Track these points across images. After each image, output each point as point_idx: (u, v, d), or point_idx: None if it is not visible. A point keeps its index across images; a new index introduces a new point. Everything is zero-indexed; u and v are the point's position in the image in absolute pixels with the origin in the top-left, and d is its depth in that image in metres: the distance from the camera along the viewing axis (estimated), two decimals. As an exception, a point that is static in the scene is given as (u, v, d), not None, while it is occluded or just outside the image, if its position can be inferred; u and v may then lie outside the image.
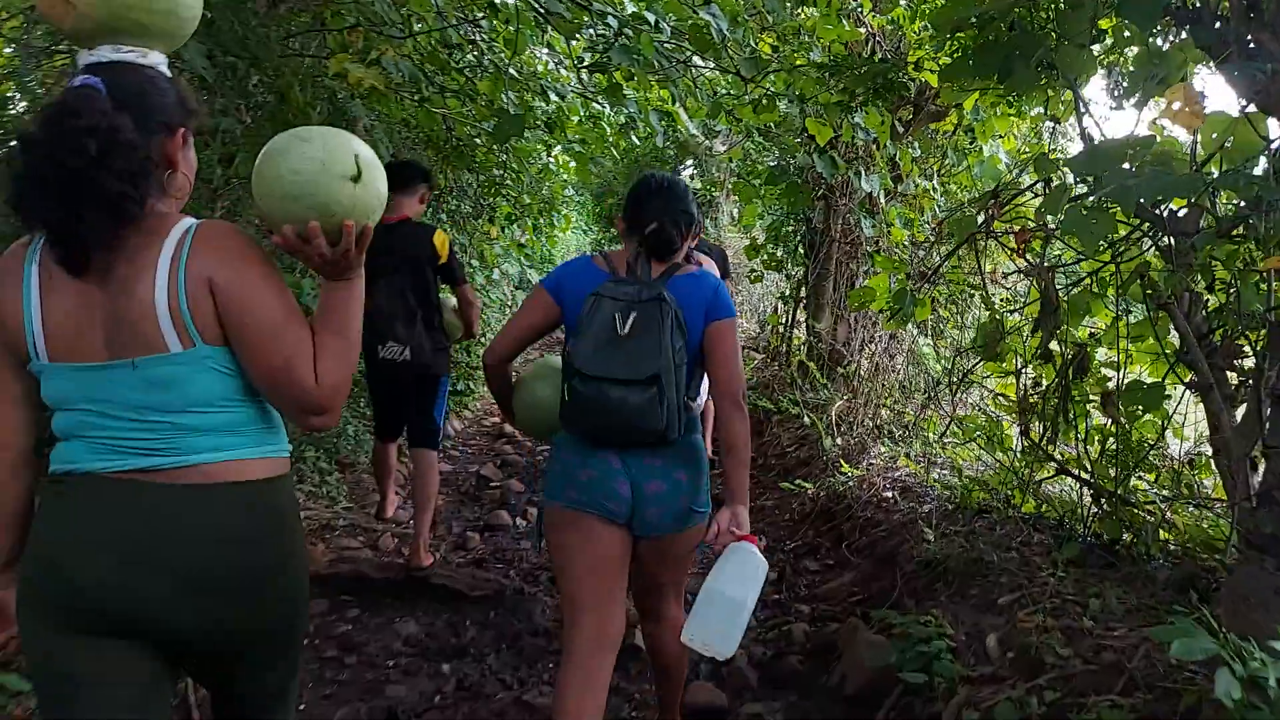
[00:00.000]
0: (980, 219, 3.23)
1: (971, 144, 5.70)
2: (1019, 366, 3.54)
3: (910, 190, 5.23)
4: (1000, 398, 3.88)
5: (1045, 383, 3.37)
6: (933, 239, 4.16)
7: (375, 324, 3.31)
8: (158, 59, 1.33)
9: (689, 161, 13.57)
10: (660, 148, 16.95)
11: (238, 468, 1.29)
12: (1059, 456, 3.36)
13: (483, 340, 7.32)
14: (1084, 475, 3.02)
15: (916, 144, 5.21)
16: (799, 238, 6.50)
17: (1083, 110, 3.17)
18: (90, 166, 1.16)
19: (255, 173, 1.27)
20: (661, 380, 1.93)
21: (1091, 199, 2.39)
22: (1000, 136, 5.48)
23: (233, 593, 1.29)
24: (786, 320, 6.70)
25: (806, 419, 5.35)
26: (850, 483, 4.18)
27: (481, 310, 4.94)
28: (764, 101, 4.11)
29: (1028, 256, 3.25)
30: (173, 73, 1.37)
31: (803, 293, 7.09)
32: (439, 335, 3.64)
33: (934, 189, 5.31)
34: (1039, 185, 3.21)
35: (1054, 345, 3.04)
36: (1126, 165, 2.40)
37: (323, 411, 1.30)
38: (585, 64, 3.68)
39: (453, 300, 3.75)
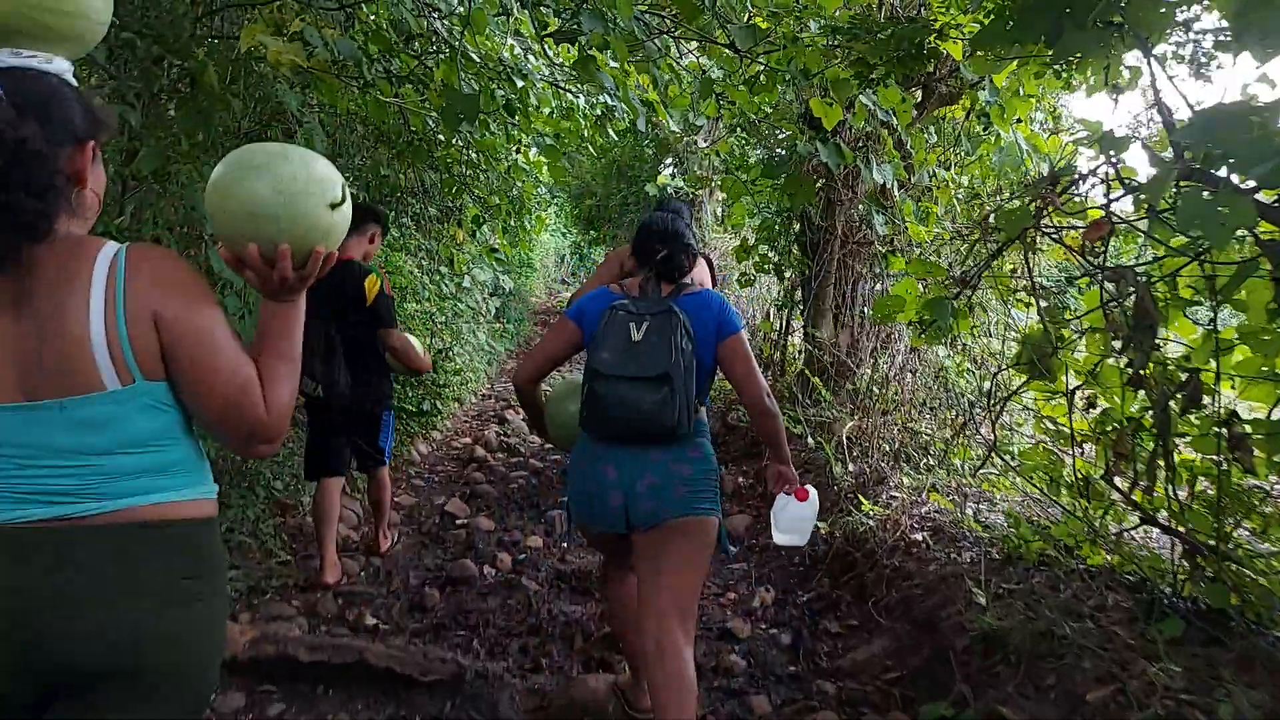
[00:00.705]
0: (1033, 211, 2.65)
1: (985, 130, 5.12)
2: (1070, 387, 2.97)
3: (924, 182, 4.66)
4: (1048, 422, 3.30)
5: (1113, 408, 2.79)
6: (963, 235, 3.60)
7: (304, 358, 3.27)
8: (62, 66, 1.24)
9: (668, 160, 12.91)
10: (640, 145, 16.44)
11: (165, 510, 1.23)
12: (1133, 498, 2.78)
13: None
14: (1176, 526, 2.43)
15: (932, 129, 4.65)
16: (794, 237, 5.92)
17: (1156, 75, 2.60)
18: None
19: (220, 186, 1.20)
20: (672, 379, 2.15)
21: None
22: (1019, 121, 4.90)
23: (136, 628, 1.19)
24: (780, 327, 6.12)
25: (811, 441, 4.76)
26: (871, 522, 3.57)
27: (439, 330, 4.82)
28: (761, 79, 3.50)
29: (1087, 256, 2.68)
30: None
31: (798, 297, 6.52)
32: (371, 370, 3.64)
33: (951, 180, 4.74)
34: (1105, 169, 2.64)
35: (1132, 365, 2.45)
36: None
37: (273, 439, 1.27)
38: (551, 31, 3.06)
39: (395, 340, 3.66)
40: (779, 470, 2.42)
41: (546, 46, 3.62)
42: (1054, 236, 2.78)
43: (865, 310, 5.15)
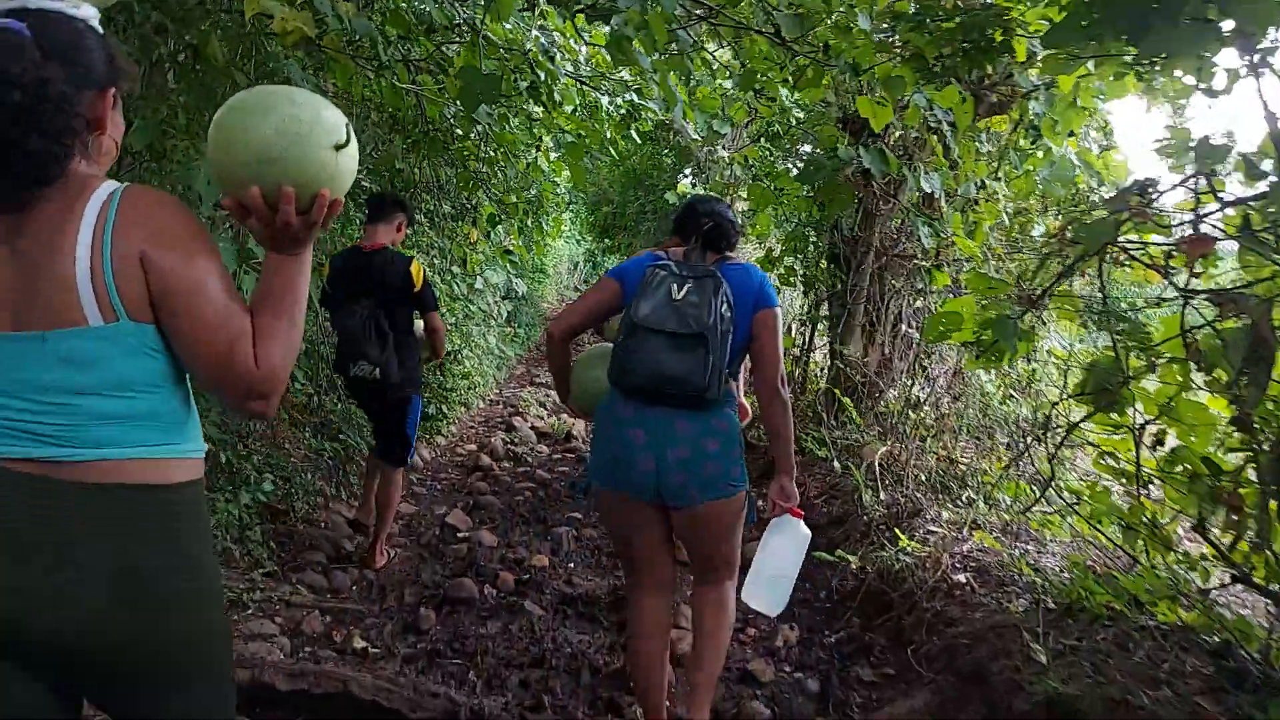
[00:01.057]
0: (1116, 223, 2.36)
1: (1034, 143, 4.84)
2: (1139, 422, 2.68)
3: (969, 193, 4.36)
4: (1107, 458, 3.00)
5: (1187, 447, 2.50)
6: (1020, 250, 3.31)
7: (349, 344, 3.64)
8: (89, 12, 1.23)
9: (687, 170, 12.64)
10: (659, 154, 16.21)
11: (148, 467, 1.19)
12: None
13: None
14: (1275, 587, 2.14)
15: (983, 137, 4.36)
16: (824, 249, 5.63)
17: (1263, 77, 2.32)
18: (12, 121, 1.07)
19: (222, 128, 1.18)
20: (708, 340, 2.11)
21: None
22: (1070, 135, 4.61)
23: (125, 601, 1.17)
24: (803, 343, 5.83)
25: (837, 465, 4.46)
26: (908, 559, 3.28)
27: (448, 332, 4.86)
28: (808, 73, 3.22)
29: (1175, 277, 2.39)
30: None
31: (823, 311, 6.23)
32: (411, 358, 3.82)
33: (1000, 192, 4.44)
34: (1197, 180, 2.36)
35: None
36: None
37: (264, 396, 1.21)
38: (583, 6, 2.80)
39: (420, 324, 3.91)
40: (780, 485, 2.33)
41: (577, 25, 3.34)
42: (1135, 253, 2.49)
43: (902, 328, 4.86)
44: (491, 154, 5.96)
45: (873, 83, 3.18)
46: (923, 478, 3.93)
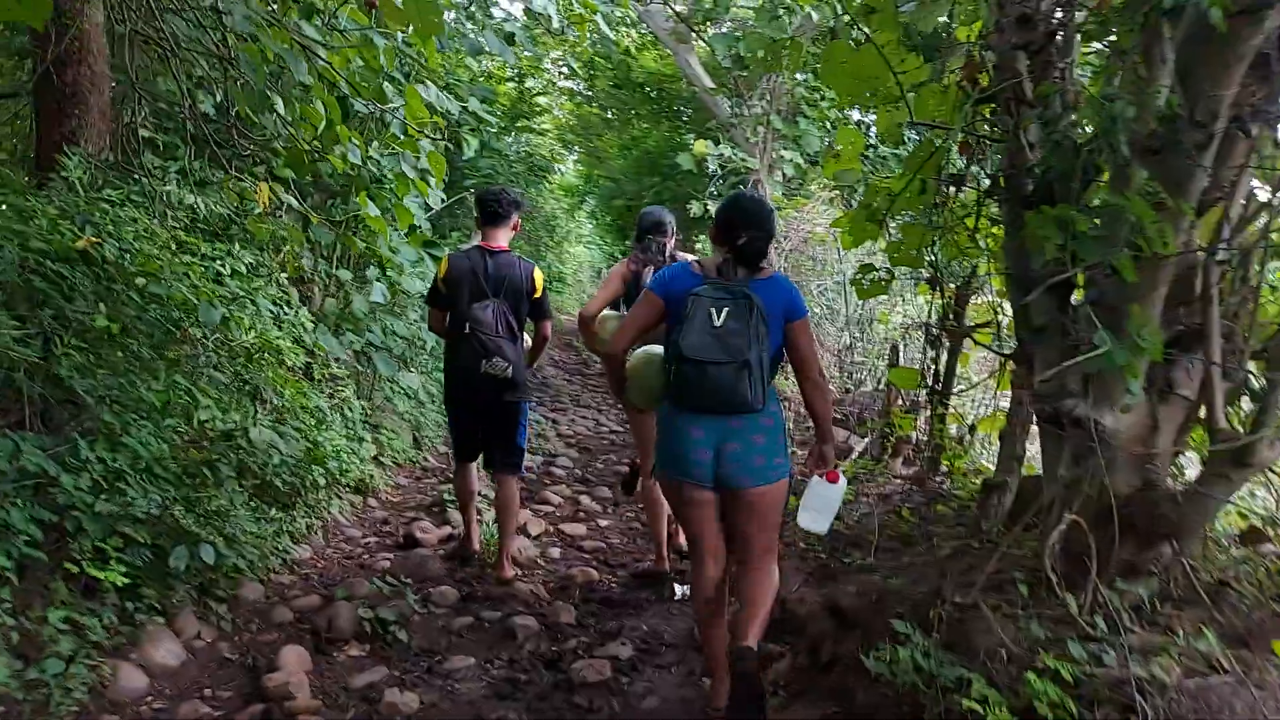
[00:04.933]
0: None
1: None
2: None
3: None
4: None
5: None
6: None
7: (483, 341, 3.71)
8: None
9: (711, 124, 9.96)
10: (676, 132, 13.57)
11: None
12: None
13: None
14: None
15: None
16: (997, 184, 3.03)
17: None
18: None
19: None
20: (750, 361, 2.46)
21: None
22: None
23: None
24: (928, 379, 3.26)
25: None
26: None
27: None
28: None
29: None
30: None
31: (968, 317, 3.62)
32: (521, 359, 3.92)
33: None
34: None
35: None
36: None
37: None
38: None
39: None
40: (820, 450, 2.78)
41: None
42: None
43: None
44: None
45: None
46: None
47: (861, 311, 7.07)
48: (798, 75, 8.36)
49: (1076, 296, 2.50)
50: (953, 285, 3.80)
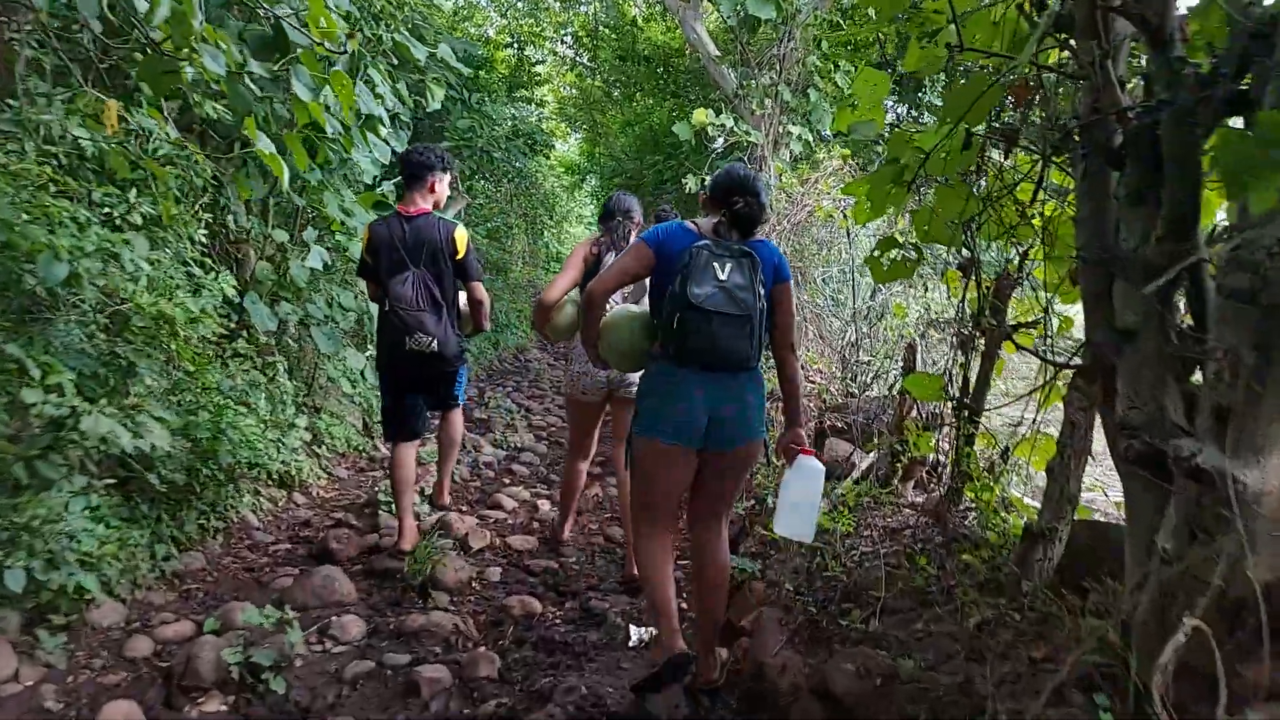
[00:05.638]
0: None
1: None
2: None
3: None
4: None
5: None
6: None
7: (402, 316, 3.51)
8: None
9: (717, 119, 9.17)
10: (681, 107, 12.77)
11: None
12: None
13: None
14: None
15: None
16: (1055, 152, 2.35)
17: None
18: None
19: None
20: (753, 319, 2.46)
21: None
22: None
23: None
24: (954, 389, 2.56)
25: None
26: None
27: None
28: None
29: None
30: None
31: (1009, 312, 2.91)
32: (453, 324, 3.67)
33: None
34: None
35: None
36: None
37: None
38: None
39: (463, 295, 3.78)
40: (794, 433, 2.69)
41: None
42: None
43: None
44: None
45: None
46: None
47: (871, 304, 6.32)
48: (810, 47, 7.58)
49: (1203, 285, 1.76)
50: (990, 274, 3.08)
